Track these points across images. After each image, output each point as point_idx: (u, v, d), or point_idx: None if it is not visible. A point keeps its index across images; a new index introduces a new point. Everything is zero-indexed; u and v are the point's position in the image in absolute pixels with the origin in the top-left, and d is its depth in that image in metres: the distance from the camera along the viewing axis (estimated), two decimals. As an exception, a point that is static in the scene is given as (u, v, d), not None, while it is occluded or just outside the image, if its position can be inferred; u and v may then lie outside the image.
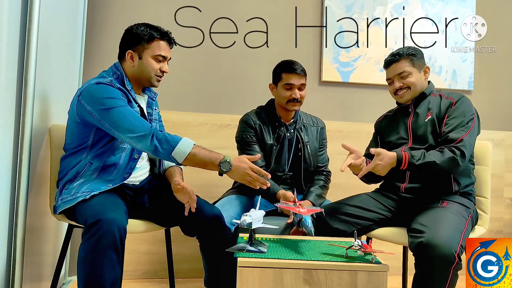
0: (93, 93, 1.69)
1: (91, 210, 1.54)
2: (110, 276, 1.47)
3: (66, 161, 1.79)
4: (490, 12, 3.08)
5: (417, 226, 1.69)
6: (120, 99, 1.69)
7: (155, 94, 1.98)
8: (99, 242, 1.45)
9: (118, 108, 1.66)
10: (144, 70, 1.81)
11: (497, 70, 3.14)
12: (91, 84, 1.72)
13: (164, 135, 1.65)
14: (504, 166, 3.02)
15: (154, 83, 1.85)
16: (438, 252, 1.56)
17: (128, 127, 1.64)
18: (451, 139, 1.82)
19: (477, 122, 1.91)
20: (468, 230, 1.76)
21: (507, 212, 3.02)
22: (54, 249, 2.18)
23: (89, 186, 1.69)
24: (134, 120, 1.66)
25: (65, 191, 1.73)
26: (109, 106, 1.66)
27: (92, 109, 1.67)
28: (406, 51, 2.00)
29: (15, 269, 1.62)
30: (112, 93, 1.69)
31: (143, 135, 1.64)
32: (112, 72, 1.82)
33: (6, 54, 1.55)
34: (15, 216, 1.62)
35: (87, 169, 1.74)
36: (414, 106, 2.02)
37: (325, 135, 2.36)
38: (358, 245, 1.48)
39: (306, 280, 1.42)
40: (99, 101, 1.67)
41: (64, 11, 2.21)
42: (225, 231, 1.87)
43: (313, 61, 2.93)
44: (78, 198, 1.65)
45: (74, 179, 1.74)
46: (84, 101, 1.69)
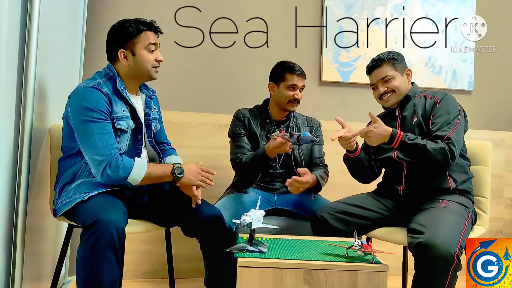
0: (78, 99, 1.68)
1: (89, 211, 1.54)
2: (109, 277, 1.47)
3: (62, 163, 1.79)
4: (490, 12, 3.08)
5: (416, 226, 1.69)
6: (100, 112, 1.67)
7: (153, 92, 1.96)
8: (97, 242, 1.45)
9: (92, 123, 1.65)
10: (140, 65, 1.78)
11: (497, 70, 3.14)
12: (79, 88, 1.71)
13: (116, 161, 1.64)
14: (504, 166, 3.02)
15: (153, 75, 1.82)
16: (437, 252, 1.56)
17: (90, 146, 1.64)
18: (438, 137, 1.83)
19: (463, 118, 1.92)
20: (468, 230, 1.76)
21: (507, 212, 3.02)
22: (54, 249, 2.18)
23: (87, 187, 1.68)
24: (100, 140, 1.65)
25: (63, 193, 1.72)
26: (86, 118, 1.65)
27: (72, 116, 1.68)
28: (387, 56, 2.02)
29: (15, 269, 1.62)
30: (94, 102, 1.66)
31: (97, 159, 1.63)
32: (105, 73, 1.79)
33: (6, 54, 1.55)
34: (15, 216, 1.63)
35: (83, 170, 1.72)
36: (400, 109, 2.03)
37: (320, 133, 2.36)
38: (358, 245, 1.48)
39: (306, 280, 1.42)
40: (79, 109, 1.66)
41: (64, 10, 2.21)
42: (225, 231, 1.87)
43: (313, 61, 2.94)
44: (76, 200, 1.65)
45: (71, 181, 1.73)
46: (70, 104, 1.70)
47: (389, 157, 2.01)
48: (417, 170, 1.93)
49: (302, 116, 2.38)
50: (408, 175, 1.96)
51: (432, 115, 1.92)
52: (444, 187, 1.89)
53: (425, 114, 1.94)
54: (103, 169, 1.63)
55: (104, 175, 1.64)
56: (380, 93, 2.01)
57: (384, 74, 2.00)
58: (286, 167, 2.25)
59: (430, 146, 1.79)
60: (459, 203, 1.84)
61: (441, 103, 1.92)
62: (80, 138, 1.67)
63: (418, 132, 1.93)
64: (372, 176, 2.13)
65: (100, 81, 1.73)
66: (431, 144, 1.80)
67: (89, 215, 1.51)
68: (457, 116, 1.88)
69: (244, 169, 2.15)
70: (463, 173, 1.93)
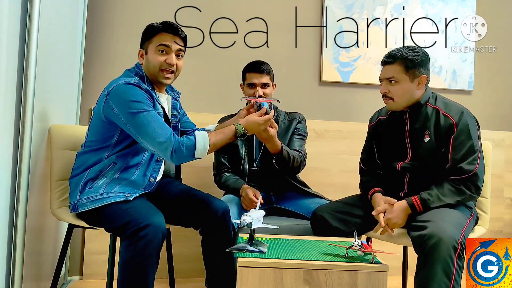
0: (121, 94, 1.67)
1: (136, 213, 1.58)
2: (152, 278, 1.54)
3: (83, 157, 1.78)
4: (490, 12, 3.08)
5: (419, 223, 1.69)
6: (146, 103, 1.67)
7: (178, 94, 1.96)
8: (148, 246, 1.51)
9: (143, 113, 1.64)
10: (150, 66, 1.78)
11: (497, 70, 3.14)
12: (119, 85, 1.69)
13: (178, 143, 1.65)
14: (504, 166, 3.02)
15: (160, 79, 1.79)
16: (441, 240, 1.55)
17: (151, 134, 1.64)
18: (464, 171, 1.77)
19: (480, 134, 1.87)
20: (469, 228, 1.77)
21: (507, 212, 3.02)
22: (54, 249, 2.18)
23: (119, 187, 1.70)
24: (157, 127, 1.65)
25: (89, 189, 1.71)
26: (136, 110, 1.64)
27: (119, 111, 1.66)
28: (403, 54, 1.83)
29: (15, 269, 1.62)
30: (139, 96, 1.67)
31: (162, 142, 1.63)
32: (135, 72, 1.80)
33: (6, 54, 1.55)
34: (15, 216, 1.62)
35: (111, 168, 1.73)
36: (409, 117, 1.90)
37: (301, 125, 2.33)
38: (358, 245, 1.48)
39: (306, 280, 1.42)
40: (126, 104, 1.65)
41: (64, 11, 2.21)
42: (229, 229, 1.85)
43: (313, 61, 2.94)
44: (113, 198, 1.66)
45: (96, 178, 1.72)
46: (111, 101, 1.68)
47: (393, 166, 1.95)
48: (421, 178, 1.89)
49: (286, 113, 2.37)
50: (410, 182, 1.93)
51: (452, 138, 1.80)
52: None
53: (440, 137, 1.82)
54: (171, 152, 1.64)
55: (174, 157, 1.65)
56: (381, 92, 1.91)
57: (390, 75, 1.85)
58: (265, 165, 2.24)
59: (455, 200, 1.76)
60: (462, 203, 1.83)
61: (460, 127, 1.79)
62: (136, 130, 1.65)
63: (430, 153, 1.84)
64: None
65: (137, 78, 1.73)
66: (454, 197, 1.76)
67: (136, 216, 1.55)
68: (478, 140, 1.82)
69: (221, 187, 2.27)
70: None
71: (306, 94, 2.91)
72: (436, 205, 1.76)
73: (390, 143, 1.98)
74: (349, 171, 2.14)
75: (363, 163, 2.10)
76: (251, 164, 2.27)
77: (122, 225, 1.56)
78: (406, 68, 1.83)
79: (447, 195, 1.77)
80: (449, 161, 1.81)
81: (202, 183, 2.43)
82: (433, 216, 1.69)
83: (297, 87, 2.91)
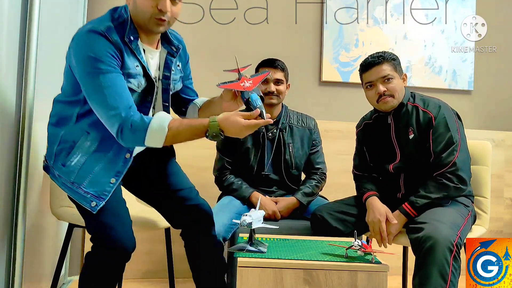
0: (81, 46, 1.41)
1: (103, 228, 1.43)
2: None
3: (59, 106, 1.54)
4: (490, 12, 3.07)
5: (415, 225, 1.70)
6: (107, 61, 1.38)
7: (177, 48, 1.60)
8: (110, 267, 1.45)
9: (98, 75, 1.37)
10: (138, 11, 1.45)
11: (497, 70, 3.14)
12: (82, 32, 1.43)
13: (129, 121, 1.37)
14: (504, 166, 3.01)
15: (152, 28, 1.47)
16: (437, 242, 1.56)
17: (101, 102, 1.38)
18: (443, 164, 1.80)
19: (461, 126, 1.90)
20: (467, 227, 1.78)
21: (507, 212, 3.02)
22: (54, 249, 2.18)
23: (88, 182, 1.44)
24: (111, 95, 1.37)
25: (61, 166, 1.47)
26: (90, 69, 1.38)
27: (76, 64, 1.42)
28: (388, 55, 1.90)
29: (15, 269, 1.62)
30: (100, 50, 1.38)
31: (111, 116, 1.38)
32: (119, 15, 1.47)
33: (6, 54, 1.55)
34: (15, 216, 1.62)
35: (84, 139, 1.46)
36: (393, 117, 1.93)
37: (317, 135, 2.28)
38: (358, 245, 1.48)
39: (306, 280, 1.42)
40: (83, 59, 1.39)
41: (64, 11, 2.21)
42: (211, 235, 1.71)
43: (313, 61, 2.93)
44: (79, 199, 1.45)
45: (71, 151, 1.46)
46: (72, 49, 1.44)
47: (385, 169, 1.97)
48: (415, 177, 1.91)
49: (298, 114, 2.29)
50: (406, 182, 1.94)
51: (431, 131, 1.84)
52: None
53: (421, 131, 1.87)
54: (116, 130, 1.38)
55: (119, 137, 1.39)
56: (379, 92, 1.87)
57: (385, 73, 1.86)
58: (277, 171, 2.21)
59: (443, 194, 1.78)
60: (459, 202, 1.84)
61: (437, 120, 1.84)
62: (87, 93, 1.41)
63: (415, 149, 1.88)
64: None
65: (111, 25, 1.43)
66: (441, 191, 1.78)
67: (103, 232, 1.42)
68: (457, 130, 1.85)
69: (224, 190, 2.21)
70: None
71: (306, 94, 2.91)
72: (425, 203, 1.78)
73: (379, 145, 2.00)
74: (349, 171, 2.13)
75: (356, 169, 2.10)
76: (261, 168, 2.19)
77: (90, 231, 1.47)
78: (394, 66, 1.90)
79: (433, 191, 1.79)
80: (432, 155, 1.85)
81: (202, 183, 2.42)
82: (430, 217, 1.71)
83: (297, 87, 2.90)
